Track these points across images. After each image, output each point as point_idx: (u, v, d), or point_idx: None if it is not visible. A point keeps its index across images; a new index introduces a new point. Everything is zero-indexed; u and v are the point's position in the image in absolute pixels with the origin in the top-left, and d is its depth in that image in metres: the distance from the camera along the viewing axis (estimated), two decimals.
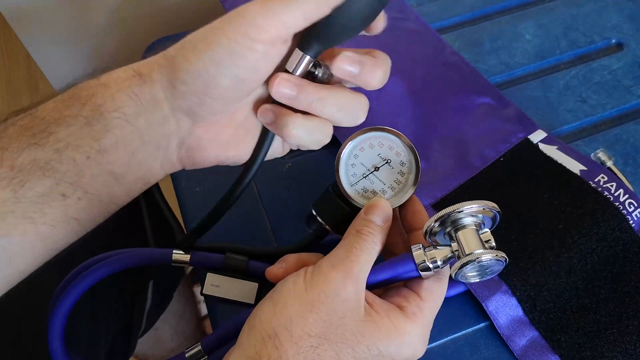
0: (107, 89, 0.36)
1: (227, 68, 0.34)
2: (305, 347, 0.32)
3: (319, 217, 0.41)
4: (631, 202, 0.48)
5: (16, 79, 1.62)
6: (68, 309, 0.42)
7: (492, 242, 0.35)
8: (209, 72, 0.35)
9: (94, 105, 0.35)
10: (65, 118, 0.35)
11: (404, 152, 0.40)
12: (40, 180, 0.34)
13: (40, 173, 0.34)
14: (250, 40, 0.34)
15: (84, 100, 0.35)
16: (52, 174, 0.34)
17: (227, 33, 0.34)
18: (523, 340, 0.45)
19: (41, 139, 0.34)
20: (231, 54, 0.34)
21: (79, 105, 0.35)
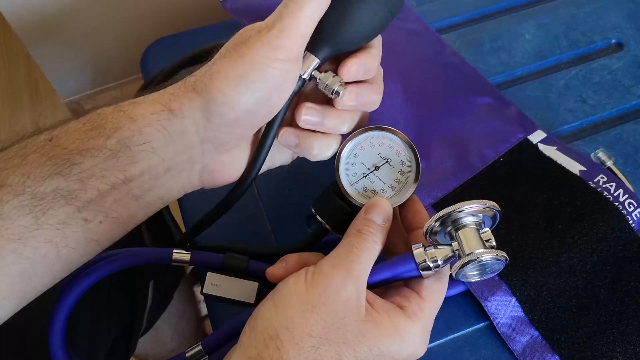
0: (135, 123, 0.36)
1: (261, 94, 0.36)
2: (307, 347, 0.32)
3: (319, 217, 0.41)
4: (631, 202, 0.48)
5: (16, 79, 1.62)
6: (69, 309, 0.43)
7: (493, 242, 0.35)
8: (244, 102, 0.36)
9: (121, 138, 0.35)
10: (89, 149, 0.35)
11: (404, 151, 0.40)
12: (63, 207, 0.34)
13: (63, 202, 0.34)
14: (280, 62, 0.36)
15: (109, 132, 0.35)
16: (75, 202, 0.35)
17: (258, 59, 0.36)
18: (523, 340, 0.45)
19: (64, 169, 0.34)
20: (265, 80, 0.36)
21: (104, 137, 0.35)
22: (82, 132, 0.36)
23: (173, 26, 0.82)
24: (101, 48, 0.85)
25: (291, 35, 0.36)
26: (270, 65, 0.36)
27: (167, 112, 0.36)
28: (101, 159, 0.35)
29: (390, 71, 0.59)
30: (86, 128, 0.36)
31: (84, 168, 0.35)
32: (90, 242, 0.36)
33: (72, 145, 0.35)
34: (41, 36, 0.79)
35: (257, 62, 0.36)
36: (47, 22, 0.78)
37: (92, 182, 0.35)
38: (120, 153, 0.35)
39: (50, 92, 1.56)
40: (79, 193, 0.35)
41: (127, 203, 0.37)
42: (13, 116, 1.53)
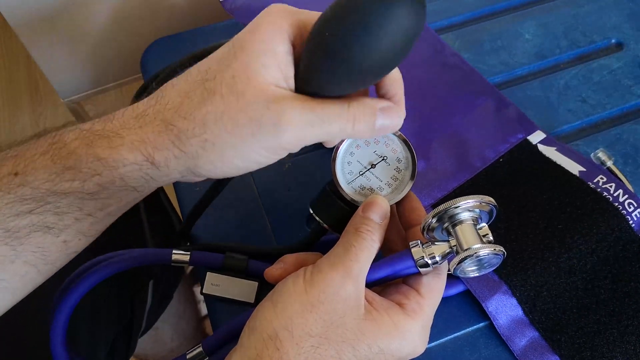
0: (114, 170, 0.34)
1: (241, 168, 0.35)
2: (306, 347, 0.32)
3: (317, 217, 0.41)
4: (631, 202, 0.48)
5: (16, 79, 1.62)
6: (70, 311, 0.43)
7: (490, 236, 0.35)
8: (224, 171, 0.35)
9: (99, 183, 0.34)
10: (64, 192, 0.34)
11: (400, 149, 0.40)
12: (41, 237, 0.34)
13: (40, 232, 0.34)
14: (276, 155, 0.35)
15: (84, 176, 0.34)
16: (53, 231, 0.35)
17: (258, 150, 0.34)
18: (523, 341, 0.45)
19: (37, 208, 0.34)
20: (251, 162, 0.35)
21: (80, 181, 0.34)
22: (53, 174, 0.34)
23: (173, 26, 0.82)
24: (101, 48, 0.85)
25: (300, 141, 0.34)
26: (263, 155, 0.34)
27: (149, 163, 0.34)
28: (77, 199, 0.34)
29: None
30: (57, 169, 0.34)
31: (59, 206, 0.34)
32: (71, 254, 0.37)
33: (42, 186, 0.34)
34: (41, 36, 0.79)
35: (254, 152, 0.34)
36: (47, 22, 0.78)
37: (70, 215, 0.35)
38: (99, 194, 0.35)
39: (50, 92, 1.56)
40: (56, 224, 0.34)
41: (105, 222, 0.37)
42: (13, 116, 1.53)
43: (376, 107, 0.36)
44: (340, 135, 0.35)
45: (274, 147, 0.34)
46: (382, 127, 0.36)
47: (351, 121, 0.35)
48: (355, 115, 0.35)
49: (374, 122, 0.36)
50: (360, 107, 0.35)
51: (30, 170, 0.34)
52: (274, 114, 0.33)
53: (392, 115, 0.36)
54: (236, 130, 0.33)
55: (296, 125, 0.33)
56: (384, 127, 0.36)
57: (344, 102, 0.35)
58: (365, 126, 0.35)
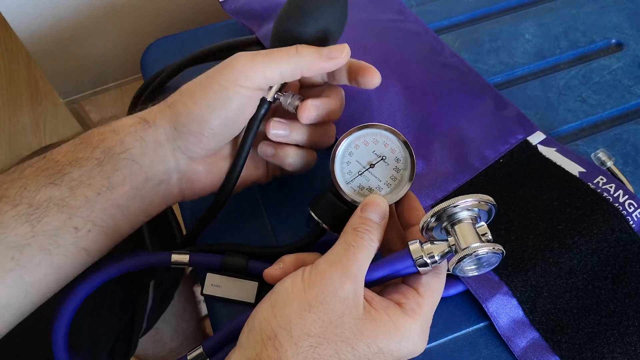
0: (117, 134, 0.41)
1: (219, 110, 0.41)
2: (305, 347, 0.32)
3: (316, 217, 0.41)
4: (631, 202, 0.48)
5: (16, 79, 1.62)
6: (72, 313, 0.43)
7: (489, 235, 0.35)
8: (203, 115, 0.41)
9: (105, 148, 0.40)
10: (78, 160, 0.39)
11: (398, 149, 0.40)
12: (56, 215, 0.38)
13: (56, 209, 0.38)
14: (238, 87, 0.40)
15: (95, 144, 0.40)
16: (67, 209, 0.38)
17: (219, 81, 0.40)
18: (523, 341, 0.45)
19: (57, 179, 0.38)
20: (223, 99, 0.40)
21: (91, 148, 0.40)
22: (72, 146, 0.40)
23: (173, 26, 0.82)
24: (101, 48, 0.85)
25: (256, 70, 0.40)
26: (228, 88, 0.40)
27: (142, 123, 0.41)
28: (88, 168, 0.39)
29: (389, 72, 0.59)
30: (76, 143, 0.41)
31: (73, 177, 0.39)
32: (81, 251, 0.39)
33: (63, 158, 0.39)
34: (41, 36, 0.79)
35: (217, 84, 0.40)
36: (47, 22, 0.78)
37: (81, 189, 0.38)
38: (105, 161, 0.40)
39: (50, 92, 1.56)
40: (69, 200, 0.38)
41: (112, 213, 0.40)
42: (13, 116, 1.53)
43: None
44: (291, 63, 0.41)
45: (232, 74, 0.40)
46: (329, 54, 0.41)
47: (293, 47, 0.41)
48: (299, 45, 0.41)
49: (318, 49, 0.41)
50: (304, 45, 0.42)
51: (56, 150, 0.40)
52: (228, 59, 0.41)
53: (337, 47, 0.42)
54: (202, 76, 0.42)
55: (246, 55, 0.41)
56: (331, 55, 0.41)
57: None
58: (309, 50, 0.41)
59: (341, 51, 0.41)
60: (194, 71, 0.49)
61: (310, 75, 0.42)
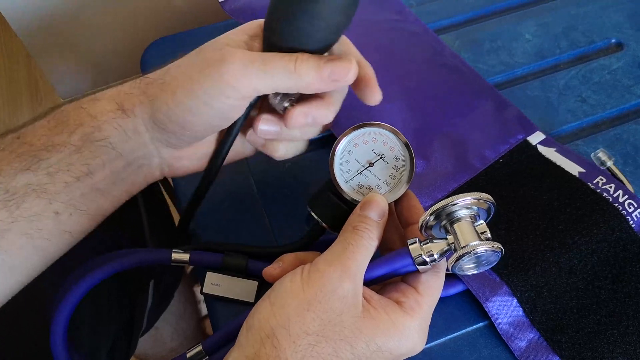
0: (94, 120, 0.39)
1: (202, 116, 0.38)
2: (303, 345, 0.32)
3: (315, 215, 0.41)
4: (631, 202, 0.48)
5: (16, 79, 1.62)
6: (70, 311, 0.43)
7: (488, 234, 0.35)
8: (185, 118, 0.38)
9: (83, 134, 0.38)
10: (55, 145, 0.38)
11: (397, 147, 0.40)
12: (35, 201, 0.37)
13: (34, 195, 0.37)
14: (224, 97, 0.37)
15: (72, 128, 0.38)
16: (46, 195, 0.37)
17: (204, 86, 0.37)
18: (523, 341, 0.44)
19: (32, 164, 0.37)
20: (206, 106, 0.38)
21: (67, 132, 0.38)
22: (47, 129, 0.38)
23: (173, 26, 0.82)
24: (101, 48, 0.85)
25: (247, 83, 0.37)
26: (213, 96, 0.37)
27: (120, 111, 0.39)
28: (66, 154, 0.38)
29: (389, 72, 0.59)
30: (51, 125, 0.38)
31: (51, 163, 0.37)
32: (64, 233, 0.39)
33: (38, 142, 0.38)
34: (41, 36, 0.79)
35: (202, 89, 0.37)
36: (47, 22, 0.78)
37: (59, 175, 0.37)
38: (84, 148, 0.38)
39: (50, 92, 1.56)
40: (48, 186, 0.37)
41: (93, 197, 0.39)
42: (13, 116, 1.53)
43: (322, 57, 0.38)
44: (287, 80, 0.37)
45: (219, 81, 0.37)
46: (332, 75, 0.37)
47: (293, 61, 0.37)
48: (299, 57, 0.37)
49: (320, 66, 0.37)
50: (304, 54, 0.37)
51: (29, 131, 0.39)
52: (220, 53, 0.37)
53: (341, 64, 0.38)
54: (188, 70, 0.38)
55: (239, 59, 0.37)
56: (333, 74, 0.37)
57: None
58: (309, 69, 0.37)
59: (346, 71, 0.38)
60: None
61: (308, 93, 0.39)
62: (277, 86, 0.38)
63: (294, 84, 0.38)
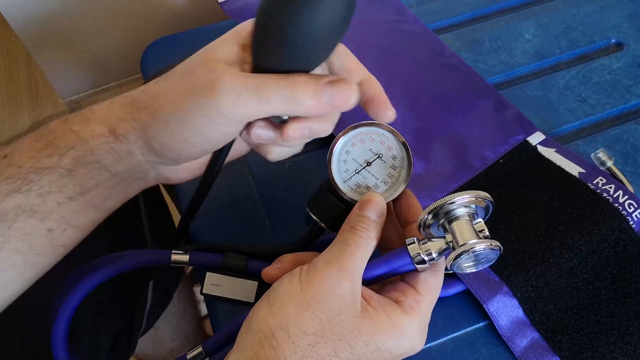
0: (86, 143, 0.37)
1: (196, 144, 0.37)
2: (302, 345, 0.32)
3: (314, 216, 0.41)
4: (631, 202, 0.48)
5: (16, 79, 1.62)
6: (71, 312, 0.43)
7: (486, 232, 0.35)
8: (181, 146, 0.37)
9: (74, 157, 0.37)
10: (44, 168, 0.36)
11: (395, 146, 0.40)
12: (27, 220, 0.36)
13: (26, 215, 0.36)
14: (218, 126, 0.36)
15: (62, 150, 0.37)
16: (38, 215, 0.37)
17: (197, 117, 0.35)
18: (524, 342, 0.44)
19: (22, 187, 0.36)
20: (200, 135, 0.36)
21: (57, 155, 0.37)
22: (35, 151, 0.37)
23: (173, 26, 0.82)
24: (101, 48, 0.85)
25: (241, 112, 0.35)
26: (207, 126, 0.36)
27: (112, 136, 0.37)
28: (57, 176, 0.37)
29: (389, 73, 0.59)
30: (39, 146, 0.37)
31: (42, 185, 0.36)
32: (57, 247, 0.38)
33: (26, 163, 0.36)
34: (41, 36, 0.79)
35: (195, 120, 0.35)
36: (47, 22, 0.78)
37: (51, 196, 0.37)
38: (76, 170, 0.37)
39: (50, 92, 1.56)
40: (40, 207, 0.36)
41: (87, 212, 0.39)
42: (13, 116, 1.53)
43: (321, 80, 0.35)
44: (284, 106, 0.35)
45: (212, 112, 0.35)
46: (332, 100, 0.35)
47: (289, 87, 0.34)
48: (295, 82, 0.34)
49: (318, 92, 0.35)
50: (301, 77, 0.35)
51: (16, 152, 0.37)
52: (211, 77, 0.35)
53: (342, 89, 0.35)
54: (179, 98, 0.36)
55: (232, 87, 0.34)
56: (333, 100, 0.35)
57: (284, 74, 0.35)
58: (306, 96, 0.34)
59: (346, 98, 0.35)
60: None
61: None
62: (273, 111, 0.36)
63: (292, 110, 0.35)
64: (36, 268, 0.38)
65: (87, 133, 0.37)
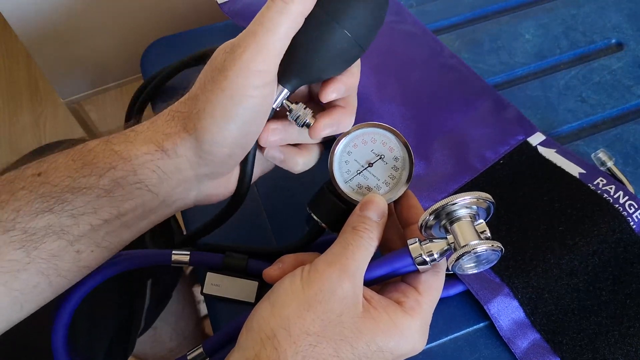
0: (128, 163, 0.36)
1: (245, 123, 0.36)
2: (304, 346, 0.32)
3: (315, 216, 0.41)
4: (631, 203, 0.48)
5: (16, 79, 1.62)
6: (71, 313, 0.43)
7: (488, 233, 0.35)
8: (233, 137, 0.36)
9: (114, 177, 0.36)
10: (81, 188, 0.35)
11: (396, 147, 0.40)
12: (55, 242, 0.35)
13: (55, 237, 0.35)
14: (259, 89, 0.35)
15: (101, 171, 0.35)
16: (67, 237, 0.35)
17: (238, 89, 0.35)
18: (525, 343, 0.44)
19: (55, 206, 0.35)
20: (248, 109, 0.36)
21: (96, 176, 0.35)
22: (72, 170, 0.36)
23: (173, 26, 0.82)
24: (101, 48, 0.85)
25: (267, 57, 0.35)
26: (251, 95, 0.35)
27: (160, 152, 0.36)
28: (93, 197, 0.35)
29: (388, 73, 0.59)
30: (77, 166, 0.36)
31: (76, 205, 0.35)
32: (82, 269, 0.37)
33: (62, 182, 0.35)
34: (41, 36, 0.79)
35: (238, 95, 0.35)
36: (47, 22, 0.78)
37: (85, 217, 0.35)
38: (114, 191, 0.36)
39: (50, 92, 1.56)
40: (71, 228, 0.35)
41: (119, 233, 0.37)
42: (13, 116, 1.53)
43: None
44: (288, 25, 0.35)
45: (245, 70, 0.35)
46: None
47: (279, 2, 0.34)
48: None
49: None
50: None
51: (52, 170, 0.36)
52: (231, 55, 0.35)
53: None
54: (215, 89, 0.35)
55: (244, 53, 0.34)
56: None
57: None
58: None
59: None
60: (194, 71, 0.49)
61: None
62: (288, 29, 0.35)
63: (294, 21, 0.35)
64: (57, 288, 0.37)
65: (131, 152, 0.36)
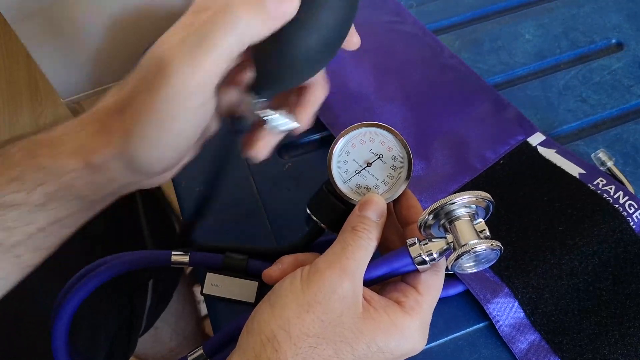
0: (58, 178, 0.34)
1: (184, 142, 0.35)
2: (304, 347, 0.32)
3: (314, 216, 0.41)
4: (631, 203, 0.48)
5: (16, 79, 1.62)
6: (71, 314, 0.43)
7: (487, 232, 0.35)
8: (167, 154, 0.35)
9: (45, 192, 0.34)
10: (12, 204, 0.34)
11: (395, 147, 0.40)
12: None
13: None
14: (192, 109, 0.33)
15: (30, 186, 0.34)
16: (4, 246, 0.34)
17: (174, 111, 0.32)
18: (524, 343, 0.44)
19: None
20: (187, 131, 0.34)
21: (26, 191, 0.34)
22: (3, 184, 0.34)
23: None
24: (101, 48, 0.85)
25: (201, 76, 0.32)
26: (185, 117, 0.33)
27: (89, 168, 0.34)
28: (25, 212, 0.34)
29: (388, 73, 0.59)
30: (3, 181, 0.34)
31: (9, 218, 0.34)
32: (25, 268, 0.37)
33: None
34: (41, 36, 0.79)
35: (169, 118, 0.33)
36: (47, 22, 0.78)
37: (19, 229, 0.34)
38: (47, 205, 0.35)
39: (50, 92, 1.56)
40: (7, 239, 0.34)
41: (59, 234, 0.37)
42: (13, 116, 1.53)
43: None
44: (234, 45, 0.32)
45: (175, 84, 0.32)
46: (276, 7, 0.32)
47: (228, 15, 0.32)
48: None
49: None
50: None
51: None
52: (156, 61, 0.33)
53: None
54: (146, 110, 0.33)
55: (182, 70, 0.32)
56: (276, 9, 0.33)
57: None
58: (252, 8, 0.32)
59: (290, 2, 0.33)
60: None
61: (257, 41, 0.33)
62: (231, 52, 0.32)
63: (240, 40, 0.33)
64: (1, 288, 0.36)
65: (60, 168, 0.34)
